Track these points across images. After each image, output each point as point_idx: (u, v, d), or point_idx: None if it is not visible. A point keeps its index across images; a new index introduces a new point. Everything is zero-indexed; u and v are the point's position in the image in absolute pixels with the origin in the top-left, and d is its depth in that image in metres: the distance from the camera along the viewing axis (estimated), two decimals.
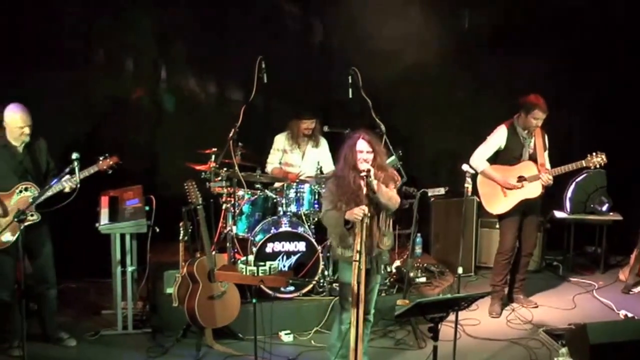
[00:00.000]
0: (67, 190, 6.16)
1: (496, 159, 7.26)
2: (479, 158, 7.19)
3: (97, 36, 8.33)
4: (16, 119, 6.03)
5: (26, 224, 5.95)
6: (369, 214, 5.38)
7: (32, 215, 6.10)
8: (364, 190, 5.39)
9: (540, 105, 6.98)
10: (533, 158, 7.16)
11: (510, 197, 7.17)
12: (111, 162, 6.38)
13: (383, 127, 6.86)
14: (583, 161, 7.02)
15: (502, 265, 7.41)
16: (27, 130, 6.07)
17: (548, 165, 7.17)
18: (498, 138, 7.20)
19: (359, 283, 5.36)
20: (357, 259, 5.34)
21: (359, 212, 5.35)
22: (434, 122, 9.42)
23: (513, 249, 7.38)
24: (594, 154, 7.01)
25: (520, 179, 7.14)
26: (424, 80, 9.14)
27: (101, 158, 6.36)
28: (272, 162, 7.96)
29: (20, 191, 6.11)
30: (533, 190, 7.14)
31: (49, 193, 6.09)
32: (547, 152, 7.25)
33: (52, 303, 6.57)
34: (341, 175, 5.60)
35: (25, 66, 7.81)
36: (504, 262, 7.39)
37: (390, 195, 5.53)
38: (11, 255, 6.12)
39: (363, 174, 5.39)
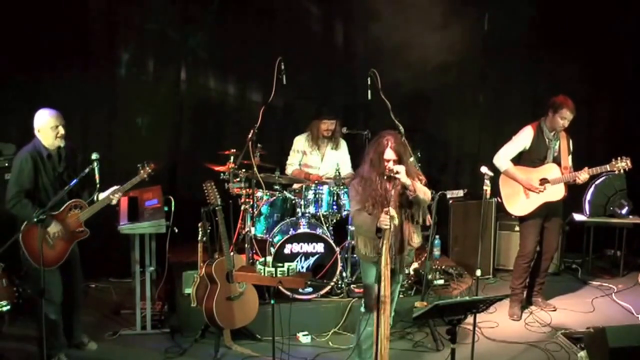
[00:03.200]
0: (114, 202, 6.21)
1: (519, 160, 7.23)
2: (504, 157, 7.17)
3: (119, 38, 8.39)
4: (49, 119, 5.92)
5: (79, 240, 6.11)
6: (396, 217, 5.31)
7: (81, 232, 6.11)
8: (393, 191, 5.38)
9: (568, 105, 6.96)
10: (557, 161, 7.13)
11: (532, 199, 7.14)
12: (149, 170, 6.41)
13: (402, 129, 6.84)
14: (607, 165, 6.96)
15: (522, 269, 7.38)
16: (61, 130, 5.95)
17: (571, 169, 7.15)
18: (524, 138, 7.17)
19: (384, 286, 5.34)
20: (383, 264, 5.31)
21: (385, 219, 5.27)
22: (457, 124, 9.43)
23: (534, 252, 7.33)
24: (618, 158, 6.94)
25: (543, 181, 7.11)
26: (448, 82, 9.13)
27: (140, 167, 6.39)
28: (292, 164, 7.97)
29: (70, 209, 6.04)
30: (556, 193, 7.10)
31: (97, 208, 6.12)
32: (570, 156, 7.21)
33: (79, 309, 6.55)
34: (368, 177, 5.55)
35: (47, 68, 7.88)
36: (525, 265, 7.35)
37: (424, 189, 5.55)
38: (56, 272, 6.06)
39: (391, 173, 5.39)
